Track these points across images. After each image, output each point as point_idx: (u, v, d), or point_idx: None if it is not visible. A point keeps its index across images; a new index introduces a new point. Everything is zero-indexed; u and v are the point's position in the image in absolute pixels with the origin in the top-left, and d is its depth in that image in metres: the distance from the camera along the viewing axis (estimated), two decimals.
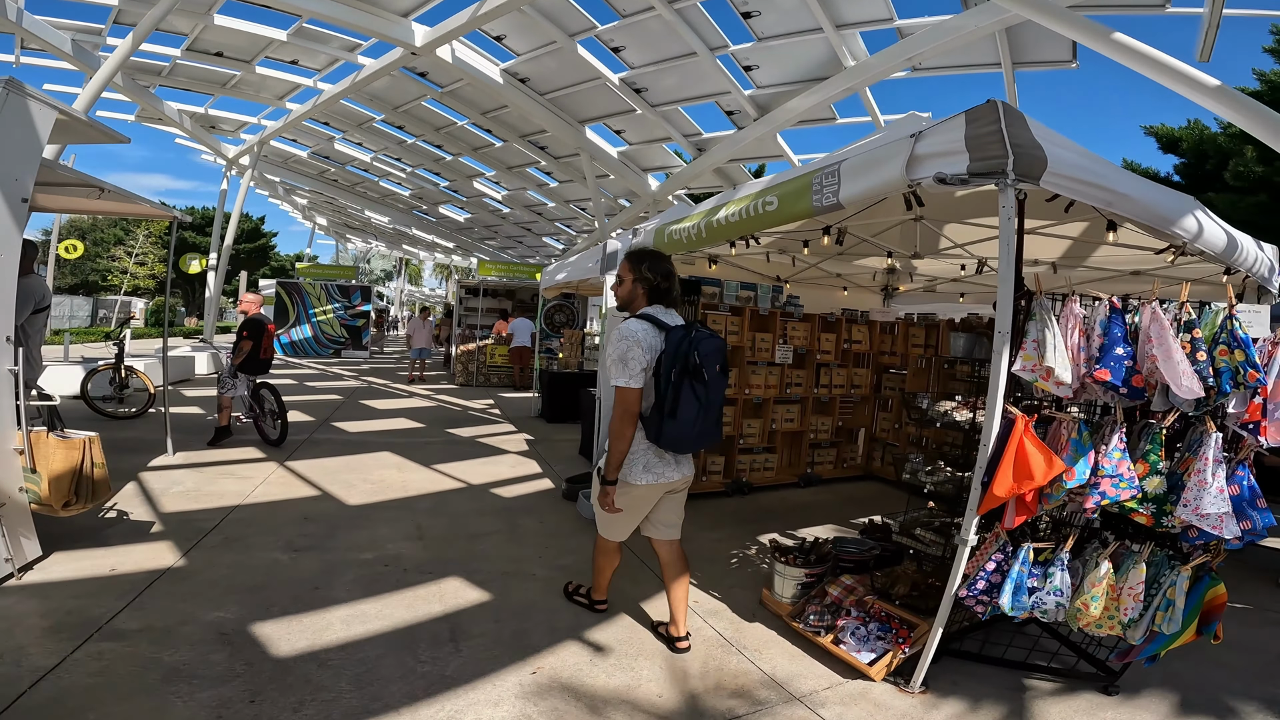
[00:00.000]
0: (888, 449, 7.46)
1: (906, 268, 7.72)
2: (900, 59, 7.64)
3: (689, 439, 2.75)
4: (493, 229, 23.30)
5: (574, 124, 11.65)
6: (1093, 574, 2.57)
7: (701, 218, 4.56)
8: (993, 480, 2.47)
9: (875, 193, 2.98)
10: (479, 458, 7.32)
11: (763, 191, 3.84)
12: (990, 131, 2.49)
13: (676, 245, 5.00)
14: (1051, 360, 2.47)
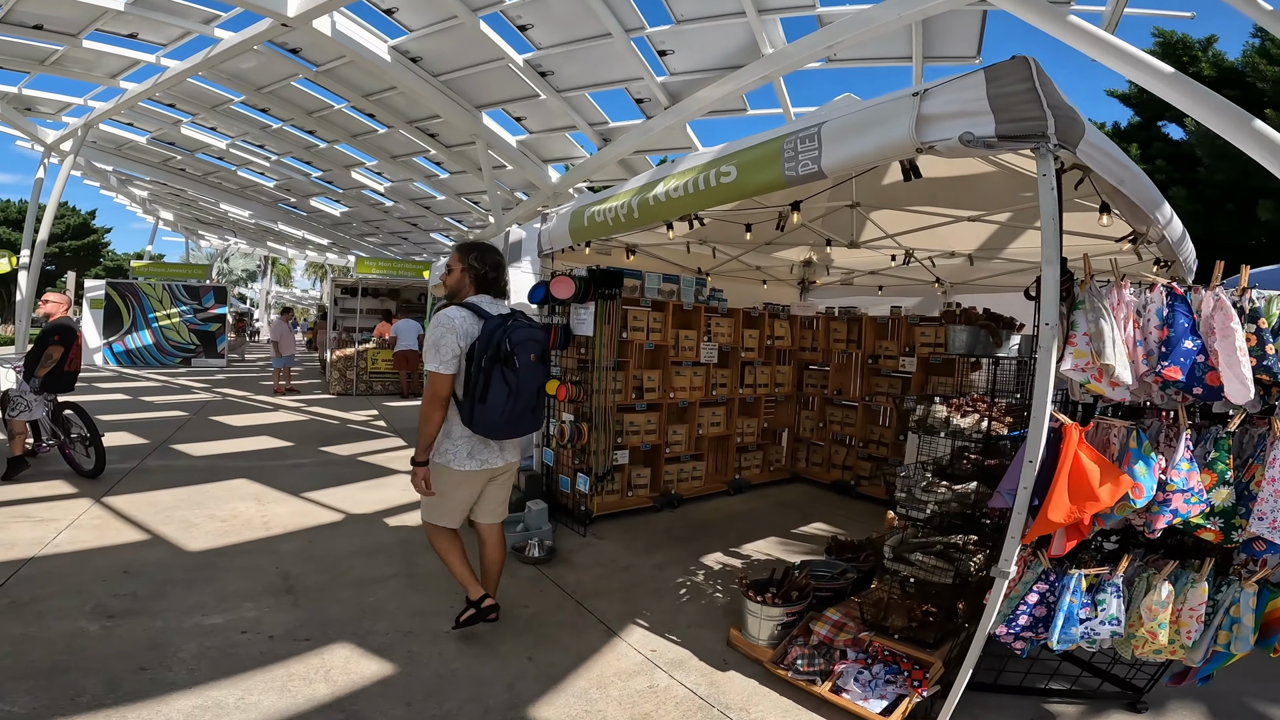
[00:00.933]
0: (812, 448, 7.20)
1: (824, 260, 7.52)
2: (819, 47, 7.42)
3: (499, 425, 2.82)
4: (374, 224, 21.42)
5: (470, 109, 10.64)
6: (1149, 598, 2.23)
7: (632, 195, 3.94)
8: (1046, 502, 2.04)
9: (869, 158, 2.55)
10: (362, 480, 6.26)
11: (714, 162, 3.28)
12: (1022, 90, 2.15)
13: (599, 229, 4.36)
14: (1110, 357, 2.06)
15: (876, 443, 6.60)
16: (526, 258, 6.31)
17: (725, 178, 3.14)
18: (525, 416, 2.91)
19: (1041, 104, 2.11)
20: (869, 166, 2.63)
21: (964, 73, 2.28)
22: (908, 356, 6.26)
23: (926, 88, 2.35)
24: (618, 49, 8.19)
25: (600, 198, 4.45)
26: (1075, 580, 2.22)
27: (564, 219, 4.89)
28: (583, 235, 4.65)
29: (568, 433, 4.88)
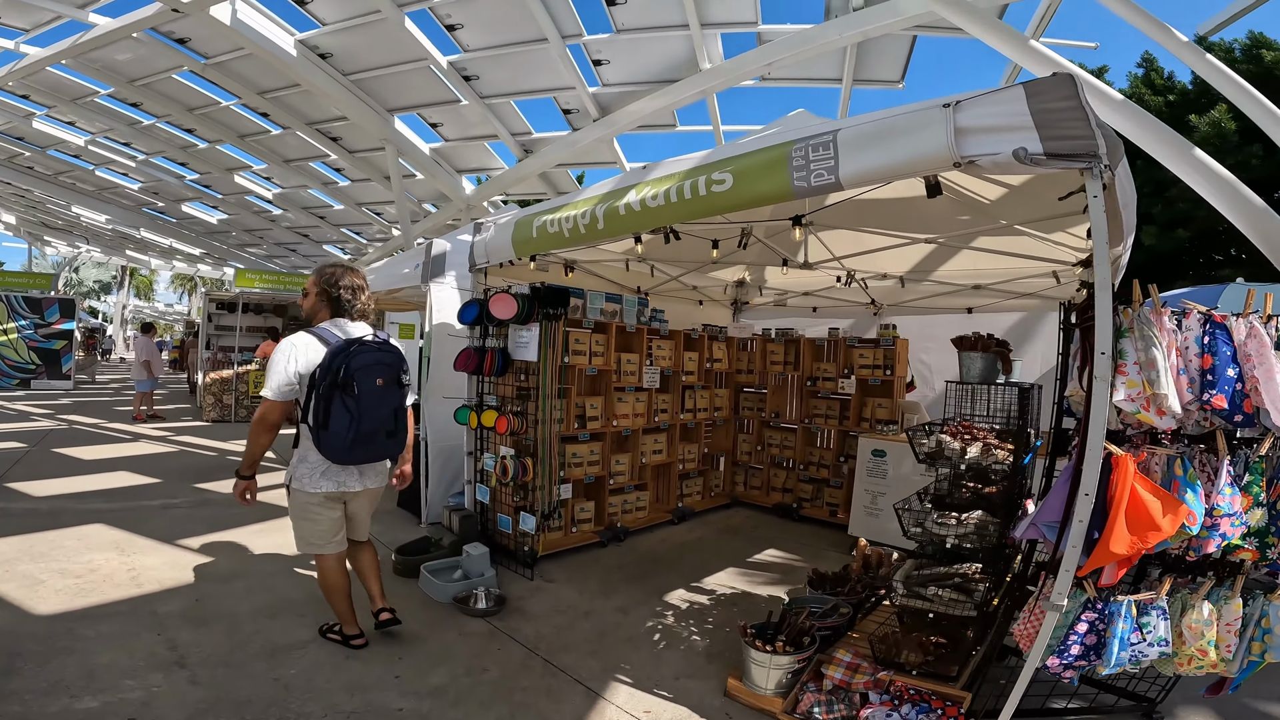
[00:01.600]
0: (750, 472, 7.09)
1: (757, 281, 7.52)
2: (756, 65, 7.50)
3: (343, 450, 2.85)
4: (257, 233, 19.64)
5: (382, 112, 9.92)
6: (1189, 617, 2.22)
7: (595, 204, 3.62)
8: (1107, 535, 1.96)
9: (897, 169, 2.41)
10: (253, 523, 5.43)
11: (702, 168, 3.04)
12: (1069, 107, 2.10)
13: (552, 240, 3.99)
14: (1164, 386, 2.03)
15: (816, 465, 6.58)
16: (451, 273, 5.81)
17: (718, 186, 2.90)
18: (377, 441, 2.94)
19: (1090, 122, 2.06)
20: (894, 179, 2.51)
21: (994, 87, 2.21)
22: (846, 378, 6.30)
23: (958, 99, 2.25)
24: (551, 55, 7.91)
25: (552, 206, 4.10)
26: (1126, 607, 2.17)
27: (505, 229, 4.49)
28: (530, 248, 4.27)
29: (511, 469, 4.42)
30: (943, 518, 2.80)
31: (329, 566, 3.12)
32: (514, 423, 4.44)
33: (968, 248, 5.46)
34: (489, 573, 4.19)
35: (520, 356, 4.59)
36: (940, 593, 2.65)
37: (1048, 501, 2.27)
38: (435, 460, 5.62)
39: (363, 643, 3.21)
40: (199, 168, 14.37)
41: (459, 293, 5.82)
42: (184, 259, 25.90)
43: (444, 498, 5.70)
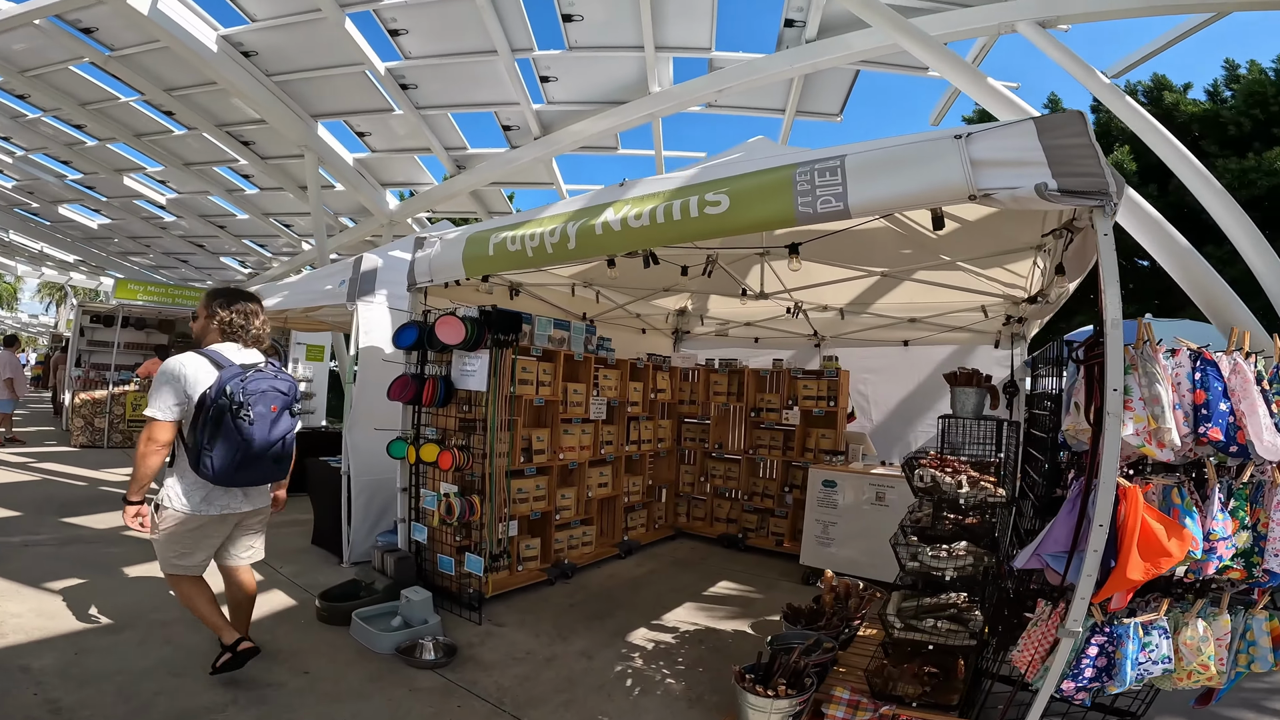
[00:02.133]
0: (693, 503, 7.00)
1: (699, 310, 7.53)
2: (706, 91, 7.59)
3: (226, 472, 2.82)
4: (143, 241, 17.92)
5: (305, 117, 9.29)
6: (1186, 634, 2.33)
7: (566, 221, 3.44)
8: (1123, 562, 2.02)
9: (910, 199, 2.40)
10: (136, 563, 4.78)
11: (693, 188, 2.93)
12: (1080, 144, 2.16)
13: (512, 259, 3.75)
14: (1168, 421, 2.11)
15: (761, 495, 6.57)
16: (383, 291, 5.44)
17: (713, 208, 2.78)
18: (263, 465, 2.93)
19: (1100, 160, 2.10)
20: (907, 209, 2.49)
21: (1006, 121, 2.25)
22: (791, 409, 6.35)
23: (969, 132, 2.26)
24: (498, 69, 7.69)
25: (512, 222, 3.88)
26: (1134, 629, 2.25)
27: (454, 245, 4.21)
28: (484, 267, 4.01)
29: (457, 508, 4.08)
30: (935, 551, 2.78)
31: (191, 590, 3.05)
32: (459, 458, 4.12)
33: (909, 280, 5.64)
34: (433, 619, 3.82)
35: (465, 386, 4.29)
36: (938, 624, 2.62)
37: (1052, 532, 2.30)
38: (359, 496, 5.15)
39: (250, 645, 3.07)
40: (84, 167, 12.98)
41: (392, 313, 5.44)
42: (55, 266, 23.26)
43: (369, 536, 5.24)
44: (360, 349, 5.22)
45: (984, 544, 2.93)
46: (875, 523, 5.20)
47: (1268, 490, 2.30)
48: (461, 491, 4.21)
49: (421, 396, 4.32)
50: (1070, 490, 2.36)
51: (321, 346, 12.85)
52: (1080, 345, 2.41)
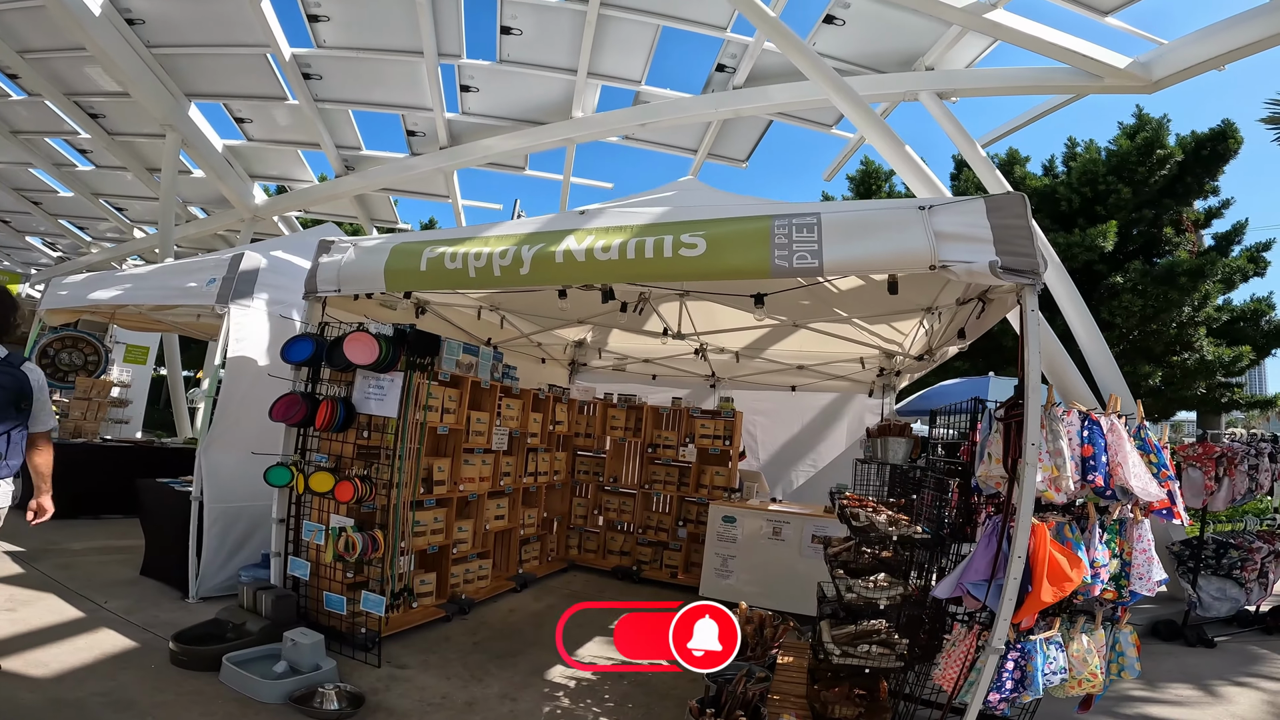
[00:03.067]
0: (585, 535, 6.86)
1: (598, 343, 7.51)
2: (628, 123, 7.73)
3: None
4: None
5: (177, 94, 8.23)
6: (1073, 647, 2.66)
7: (518, 244, 3.30)
8: (1036, 588, 2.41)
9: (878, 263, 2.60)
10: None
11: (667, 226, 2.96)
12: (1020, 225, 2.42)
13: (448, 277, 3.55)
14: (1068, 471, 2.47)
15: (655, 528, 6.59)
16: (262, 295, 4.92)
17: (689, 250, 2.80)
18: None
19: (1035, 242, 2.36)
20: (873, 271, 2.65)
21: (960, 198, 2.48)
22: (687, 446, 6.46)
23: (932, 203, 2.47)
24: (418, 71, 7.34)
25: (448, 237, 3.65)
26: (1039, 644, 2.57)
27: (374, 254, 3.87)
28: (412, 282, 3.74)
29: (359, 545, 3.68)
30: (866, 583, 2.96)
31: None
32: (360, 489, 3.73)
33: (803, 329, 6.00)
34: (327, 664, 3.40)
35: (372, 410, 3.92)
36: (870, 649, 2.78)
37: (973, 564, 2.57)
38: (214, 524, 4.51)
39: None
40: None
41: (271, 320, 4.89)
42: None
43: (223, 569, 4.58)
44: (229, 359, 4.61)
45: (899, 575, 3.20)
46: (773, 556, 5.45)
47: (1130, 526, 2.75)
48: (362, 527, 3.81)
49: (314, 419, 3.88)
50: (985, 528, 2.63)
51: (145, 348, 11.21)
52: (1001, 405, 2.67)
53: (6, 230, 15.31)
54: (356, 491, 3.71)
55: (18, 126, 9.99)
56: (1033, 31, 6.05)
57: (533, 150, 8.89)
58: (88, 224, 14.42)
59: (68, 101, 8.82)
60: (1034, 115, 7.40)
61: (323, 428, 3.82)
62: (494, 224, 3.77)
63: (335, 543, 3.73)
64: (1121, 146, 12.41)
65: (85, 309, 6.16)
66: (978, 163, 6.55)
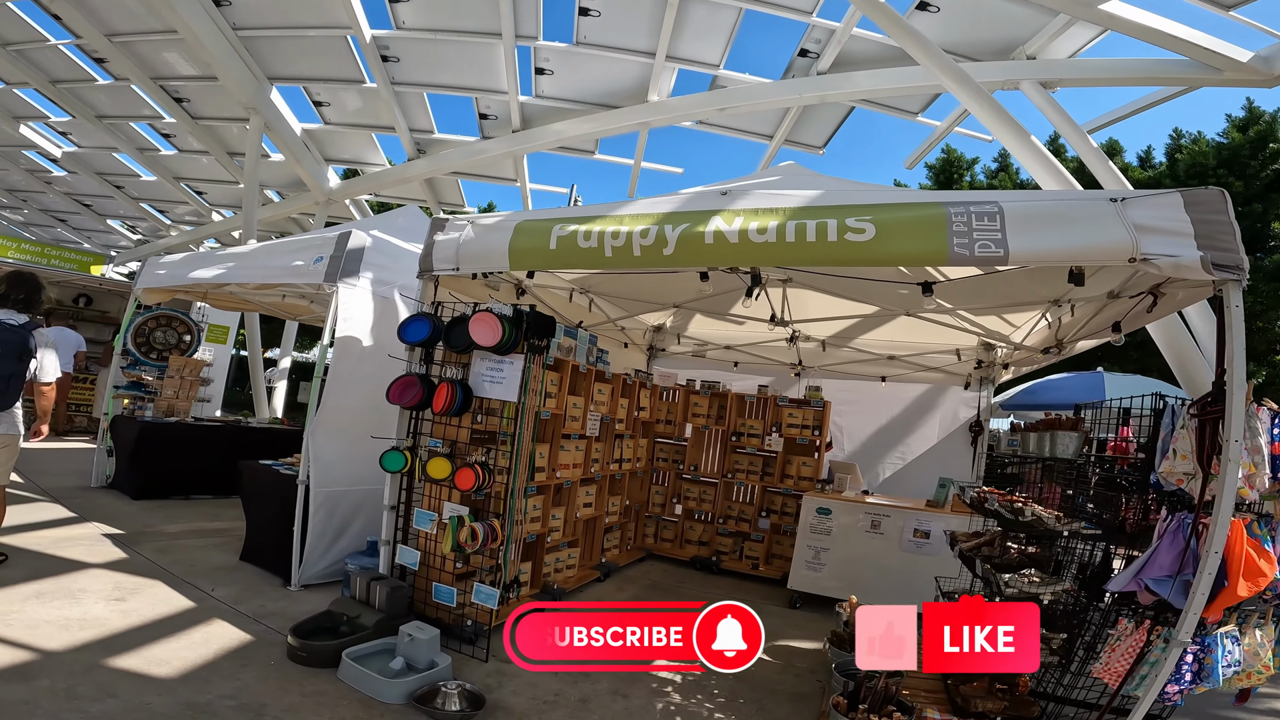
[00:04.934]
0: (662, 524, 6.50)
1: (676, 328, 7.10)
2: (706, 108, 7.32)
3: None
4: (20, 195, 15.02)
5: (261, 78, 8.00)
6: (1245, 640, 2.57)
7: (660, 223, 2.94)
8: (1232, 583, 2.34)
9: (1071, 254, 2.38)
10: (26, 582, 3.61)
11: (829, 210, 2.66)
12: (1223, 221, 2.28)
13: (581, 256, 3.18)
14: (1265, 468, 2.40)
15: (736, 519, 6.20)
16: (367, 274, 4.58)
17: (856, 235, 2.52)
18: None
19: (1237, 238, 2.21)
20: (1065, 263, 2.40)
21: (1153, 191, 2.35)
22: (775, 436, 6.04)
23: (1123, 196, 2.33)
24: (495, 53, 6.98)
25: (579, 214, 3.27)
26: (1220, 637, 2.47)
27: (495, 232, 3.51)
28: (540, 261, 3.37)
29: (480, 535, 3.35)
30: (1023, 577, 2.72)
31: None
32: (481, 476, 3.39)
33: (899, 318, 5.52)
34: (443, 660, 3.10)
35: (490, 394, 3.58)
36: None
37: (1156, 559, 2.48)
38: (319, 510, 4.22)
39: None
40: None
41: (374, 299, 4.58)
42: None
43: (325, 557, 4.31)
44: (337, 339, 4.31)
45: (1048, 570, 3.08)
46: (869, 550, 5.05)
47: None
48: (479, 515, 3.48)
49: (431, 402, 3.55)
50: (1169, 524, 2.52)
51: (225, 328, 11.12)
52: (1195, 403, 2.50)
53: (90, 214, 15.43)
54: (477, 479, 3.37)
55: (103, 111, 9.89)
56: (1150, 23, 5.49)
57: (605, 134, 8.48)
58: (167, 207, 14.43)
59: (153, 85, 8.65)
60: (1139, 107, 6.78)
61: (441, 411, 3.48)
62: (620, 203, 3.39)
63: (456, 532, 3.40)
64: (1233, 140, 11.65)
65: (182, 288, 5.95)
66: (1088, 154, 5.97)
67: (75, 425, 9.14)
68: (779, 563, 5.96)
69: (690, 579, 5.71)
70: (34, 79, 9.01)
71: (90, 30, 7.55)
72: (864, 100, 7.16)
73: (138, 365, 7.33)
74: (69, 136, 11.43)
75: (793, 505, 6.06)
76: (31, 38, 8.14)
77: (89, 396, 9.44)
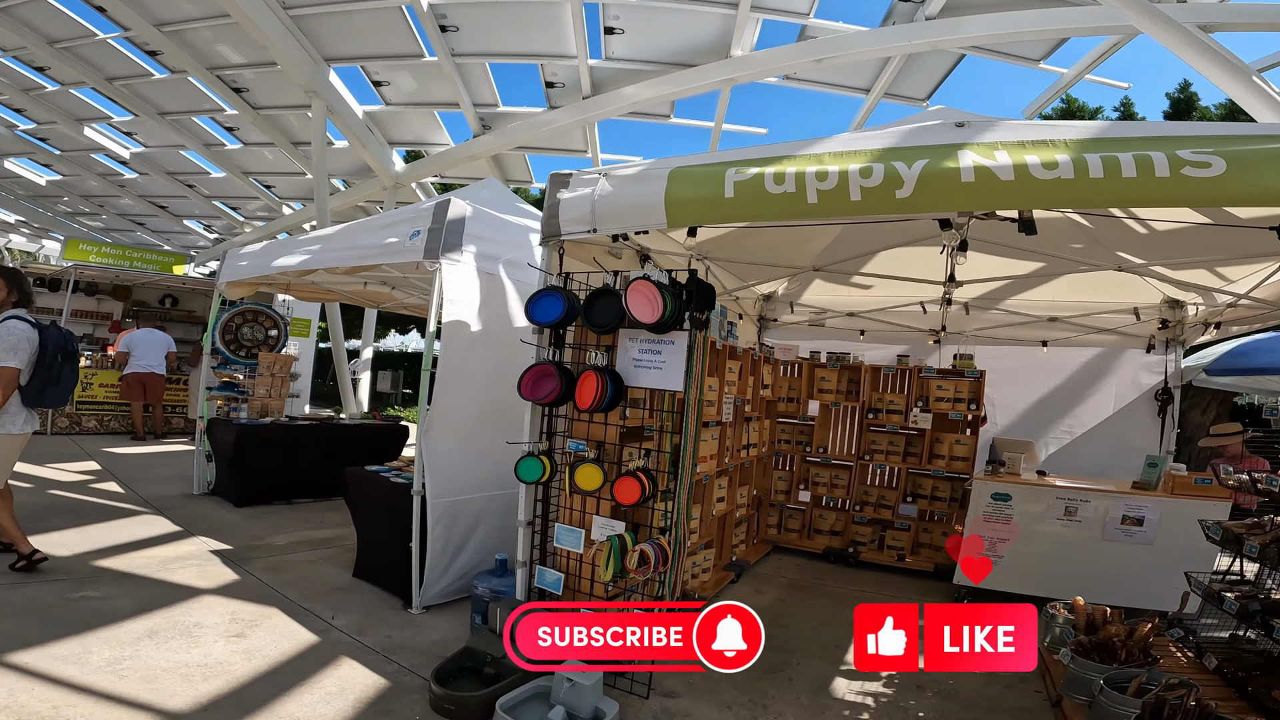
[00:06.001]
0: (786, 513, 5.75)
1: (789, 295, 6.24)
2: (795, 60, 6.33)
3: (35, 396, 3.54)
4: (97, 200, 15.16)
5: (317, 59, 7.42)
6: None
7: (877, 159, 2.20)
8: None
9: None
10: (131, 618, 3.13)
11: (1151, 142, 1.93)
12: None
13: (771, 205, 2.43)
14: None
15: (875, 505, 5.40)
16: (470, 248, 3.87)
17: (1197, 170, 1.81)
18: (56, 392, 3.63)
19: None
20: None
21: None
22: (923, 411, 5.16)
23: None
24: (561, 13, 6.21)
25: (764, 155, 2.49)
26: None
27: (644, 182, 2.75)
28: (709, 213, 2.62)
29: (652, 558, 2.66)
30: None
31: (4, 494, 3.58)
32: (646, 487, 2.69)
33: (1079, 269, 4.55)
34: (608, 708, 2.48)
35: (645, 383, 2.87)
36: None
37: None
38: (438, 523, 3.60)
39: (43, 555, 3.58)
40: (39, 115, 10.49)
41: (479, 276, 3.89)
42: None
43: (445, 573, 3.72)
44: (444, 324, 3.65)
45: None
46: (1064, 540, 4.20)
47: None
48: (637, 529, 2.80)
49: (573, 395, 2.85)
50: None
51: (307, 320, 10.81)
52: None
53: (166, 215, 15.46)
54: (642, 490, 2.67)
55: (166, 107, 9.53)
56: None
57: (683, 95, 7.59)
58: (239, 203, 14.27)
59: (210, 76, 8.20)
60: None
61: (591, 407, 2.78)
62: (802, 143, 2.58)
63: (619, 555, 2.72)
64: None
65: (265, 279, 5.45)
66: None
67: (173, 427, 8.98)
68: (927, 553, 5.17)
69: (828, 574, 4.99)
70: (90, 77, 8.69)
71: (138, 21, 7.10)
72: (977, 48, 6.10)
73: (228, 364, 6.97)
74: (134, 136, 11.22)
75: (945, 489, 5.23)
76: (79, 34, 7.76)
77: (184, 398, 9.28)
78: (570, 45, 6.79)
